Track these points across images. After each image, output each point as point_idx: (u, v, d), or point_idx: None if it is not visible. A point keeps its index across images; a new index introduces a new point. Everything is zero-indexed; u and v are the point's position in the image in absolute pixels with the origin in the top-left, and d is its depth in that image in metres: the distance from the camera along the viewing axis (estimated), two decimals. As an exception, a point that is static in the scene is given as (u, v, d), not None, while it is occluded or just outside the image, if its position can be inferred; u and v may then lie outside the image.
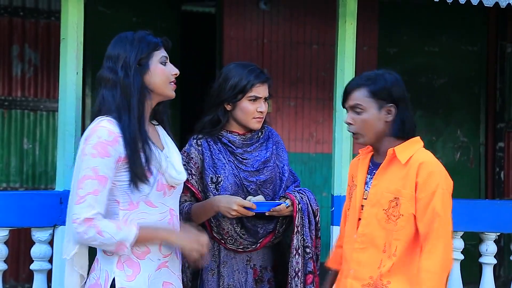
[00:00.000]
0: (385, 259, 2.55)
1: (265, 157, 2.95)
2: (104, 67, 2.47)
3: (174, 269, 2.50)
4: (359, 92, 2.58)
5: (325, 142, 6.03)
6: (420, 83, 6.38)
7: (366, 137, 2.60)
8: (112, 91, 2.41)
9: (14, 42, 5.43)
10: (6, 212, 3.19)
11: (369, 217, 2.60)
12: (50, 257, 3.34)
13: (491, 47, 6.55)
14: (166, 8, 6.06)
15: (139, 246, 2.38)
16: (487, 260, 3.92)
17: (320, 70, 6.07)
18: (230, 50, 5.94)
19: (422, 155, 2.57)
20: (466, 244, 3.99)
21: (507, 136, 6.51)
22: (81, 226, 2.29)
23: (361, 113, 2.58)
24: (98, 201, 2.31)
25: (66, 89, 3.28)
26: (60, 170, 3.29)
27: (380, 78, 2.58)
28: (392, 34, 6.32)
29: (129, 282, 2.36)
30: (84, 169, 2.32)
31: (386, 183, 2.58)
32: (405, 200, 2.53)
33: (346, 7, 3.65)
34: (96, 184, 2.30)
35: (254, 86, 2.88)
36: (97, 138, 2.33)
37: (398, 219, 2.54)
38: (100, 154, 2.31)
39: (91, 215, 2.29)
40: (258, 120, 2.93)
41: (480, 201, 5.28)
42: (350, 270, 2.61)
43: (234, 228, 2.84)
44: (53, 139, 5.45)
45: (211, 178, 2.88)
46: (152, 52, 2.46)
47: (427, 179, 2.52)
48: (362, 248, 2.60)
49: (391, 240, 2.55)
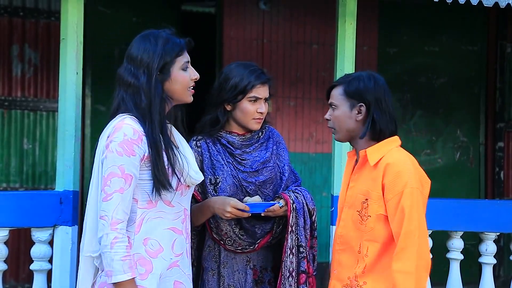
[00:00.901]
0: (361, 260, 2.58)
1: (265, 158, 2.95)
2: (125, 67, 2.45)
3: (184, 269, 2.51)
4: (336, 90, 2.68)
5: (325, 142, 6.03)
6: (420, 83, 6.38)
7: (340, 134, 2.68)
8: (133, 95, 2.41)
9: (14, 42, 5.43)
10: (6, 212, 3.19)
11: (346, 219, 2.65)
12: (50, 257, 3.34)
13: (491, 47, 6.55)
14: (166, 8, 6.06)
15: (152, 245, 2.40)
16: (487, 260, 3.93)
17: (320, 70, 6.07)
18: (230, 50, 5.94)
19: (391, 156, 2.57)
20: (466, 244, 4.00)
21: (506, 136, 6.52)
22: (107, 225, 2.30)
23: (335, 110, 2.66)
24: (124, 200, 2.32)
25: (66, 89, 3.28)
26: (60, 170, 3.29)
27: (356, 79, 2.65)
28: (392, 34, 6.32)
29: (142, 281, 2.37)
30: (111, 167, 2.33)
31: (360, 185, 2.62)
32: (372, 201, 2.55)
33: (346, 7, 3.65)
34: (123, 182, 2.32)
35: (255, 87, 2.88)
36: (123, 136, 2.33)
37: (367, 220, 2.57)
38: (126, 152, 2.32)
39: (117, 218, 2.30)
40: (258, 121, 2.92)
41: (480, 201, 5.29)
42: (334, 271, 2.68)
43: (233, 229, 2.84)
44: (53, 139, 5.45)
45: (209, 180, 2.87)
46: (175, 59, 2.46)
47: (394, 180, 2.51)
48: (341, 250, 2.65)
49: (362, 241, 2.58)
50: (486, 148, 6.58)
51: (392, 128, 2.64)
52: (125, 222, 2.34)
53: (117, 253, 2.29)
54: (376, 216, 2.55)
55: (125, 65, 2.47)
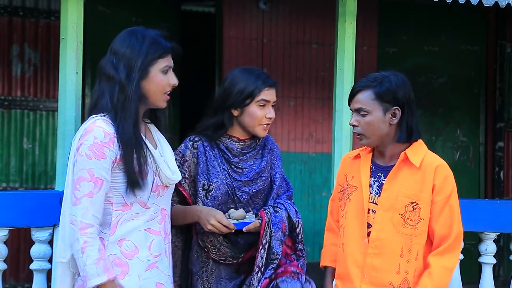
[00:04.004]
0: (404, 264, 2.56)
1: (260, 167, 2.91)
2: (108, 59, 2.43)
3: (164, 270, 2.49)
4: (364, 94, 2.57)
5: (325, 141, 6.03)
6: (420, 83, 6.38)
7: (371, 139, 2.60)
8: (111, 88, 2.38)
9: (13, 42, 5.43)
10: (6, 212, 3.19)
11: (382, 222, 2.58)
12: (49, 257, 3.34)
13: (490, 47, 6.55)
14: (166, 8, 6.06)
15: (128, 245, 2.39)
16: (487, 259, 3.92)
17: (320, 69, 6.07)
18: (230, 49, 5.94)
19: (435, 158, 2.62)
20: (466, 243, 3.97)
21: (506, 136, 6.52)
22: (77, 230, 2.29)
23: (366, 116, 2.57)
24: (93, 204, 2.30)
25: (65, 89, 3.28)
26: (59, 170, 3.29)
27: (386, 80, 2.57)
28: (391, 34, 6.32)
29: (119, 281, 2.35)
30: (80, 170, 2.31)
31: (400, 187, 2.57)
32: (425, 205, 2.55)
33: (346, 6, 3.65)
34: (92, 186, 2.30)
35: (263, 90, 2.84)
36: (92, 139, 2.31)
37: (418, 223, 2.56)
38: (96, 156, 2.30)
39: (86, 223, 2.29)
40: (265, 128, 2.88)
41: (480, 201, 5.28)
42: (364, 275, 2.59)
43: (217, 238, 2.81)
44: (53, 139, 5.45)
45: (203, 185, 2.83)
46: (157, 59, 2.43)
47: (444, 182, 2.56)
48: (376, 254, 2.58)
49: (410, 245, 2.56)
50: (486, 148, 6.58)
51: (420, 130, 2.64)
52: (96, 226, 2.31)
53: (89, 257, 2.28)
54: (427, 219, 2.57)
55: (107, 57, 2.45)
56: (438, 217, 2.55)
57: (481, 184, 6.55)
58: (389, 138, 2.60)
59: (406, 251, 2.55)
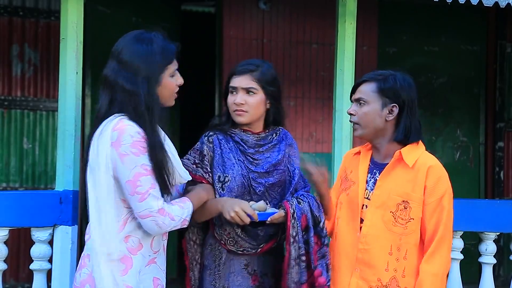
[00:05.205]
0: (392, 262, 2.56)
1: (276, 160, 2.91)
2: (117, 71, 2.43)
3: (161, 265, 2.54)
4: (367, 86, 2.62)
5: (325, 141, 6.03)
6: (420, 83, 6.35)
7: (364, 130, 2.63)
8: (131, 101, 2.40)
9: (13, 42, 5.43)
10: (6, 212, 3.19)
11: (373, 219, 2.60)
12: (50, 257, 3.34)
13: (490, 47, 6.55)
14: (166, 8, 6.06)
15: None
16: (487, 259, 3.93)
17: (320, 69, 6.07)
18: (230, 49, 5.94)
19: (429, 159, 2.60)
20: (466, 243, 4.00)
21: (506, 136, 6.52)
22: (159, 218, 2.37)
23: (363, 105, 2.61)
24: (158, 192, 2.40)
25: (65, 89, 3.28)
26: (60, 170, 3.29)
27: (392, 78, 2.61)
28: (391, 34, 6.32)
29: (122, 277, 2.39)
30: (134, 168, 2.35)
31: (392, 185, 2.58)
32: (415, 204, 2.55)
33: (346, 6, 3.65)
34: (151, 178, 2.37)
35: (231, 77, 2.87)
36: (130, 137, 2.35)
37: (408, 223, 2.56)
38: (141, 152, 2.36)
39: (161, 206, 2.39)
40: (237, 113, 2.84)
41: (480, 201, 5.28)
42: (355, 269, 2.62)
43: (235, 230, 2.82)
44: (53, 139, 5.45)
45: (218, 177, 2.83)
46: (167, 66, 2.48)
47: (436, 184, 2.55)
48: (366, 249, 2.60)
49: (400, 244, 2.56)
50: (486, 148, 6.58)
51: (420, 133, 2.63)
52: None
53: (177, 215, 2.44)
54: (418, 218, 2.56)
55: (115, 67, 2.44)
56: (430, 219, 2.55)
57: (481, 184, 6.55)
58: (384, 135, 2.62)
59: (395, 249, 2.56)
